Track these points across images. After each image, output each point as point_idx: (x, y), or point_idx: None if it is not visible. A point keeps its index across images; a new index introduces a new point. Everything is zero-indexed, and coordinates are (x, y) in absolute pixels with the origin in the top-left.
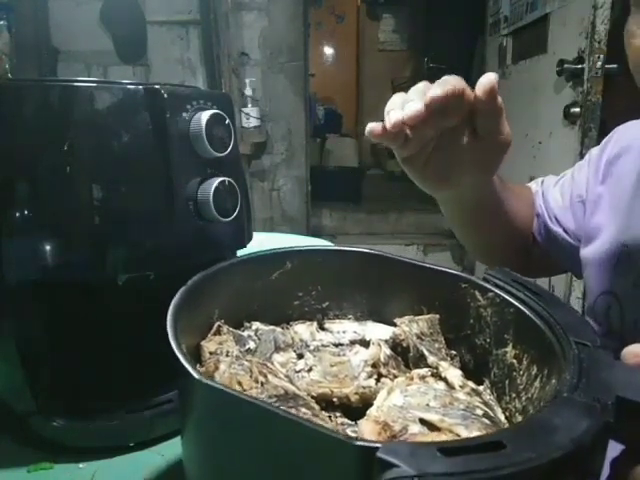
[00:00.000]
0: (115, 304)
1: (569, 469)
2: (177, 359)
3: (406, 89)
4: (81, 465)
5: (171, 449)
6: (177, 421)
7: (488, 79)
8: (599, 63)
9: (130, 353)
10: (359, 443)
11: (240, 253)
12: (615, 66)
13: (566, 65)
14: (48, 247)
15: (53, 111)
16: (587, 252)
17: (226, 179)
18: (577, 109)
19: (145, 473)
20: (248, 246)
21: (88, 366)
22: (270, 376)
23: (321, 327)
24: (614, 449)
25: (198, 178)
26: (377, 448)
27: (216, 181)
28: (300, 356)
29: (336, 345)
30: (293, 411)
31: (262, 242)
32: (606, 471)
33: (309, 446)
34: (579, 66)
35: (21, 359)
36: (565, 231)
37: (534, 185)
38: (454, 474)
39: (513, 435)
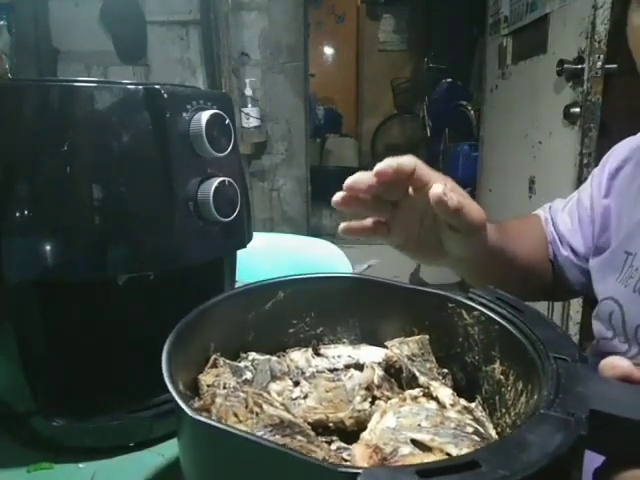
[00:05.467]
0: (115, 304)
1: None
2: (172, 397)
3: (406, 89)
4: (81, 465)
5: (171, 449)
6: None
7: (434, 192)
8: (599, 63)
9: (130, 353)
10: (341, 469)
11: (240, 253)
12: (615, 66)
13: (566, 65)
14: (48, 247)
15: (53, 111)
16: (594, 261)
17: (226, 179)
18: (577, 109)
19: (145, 473)
20: (248, 246)
21: (88, 366)
22: (265, 406)
23: (316, 353)
24: (598, 460)
25: (198, 178)
26: (358, 474)
27: (216, 181)
28: (296, 383)
29: (331, 370)
30: (288, 439)
31: (262, 242)
32: None
33: (296, 475)
34: (579, 66)
35: (21, 359)
36: (575, 254)
37: (542, 212)
38: None
39: (488, 454)
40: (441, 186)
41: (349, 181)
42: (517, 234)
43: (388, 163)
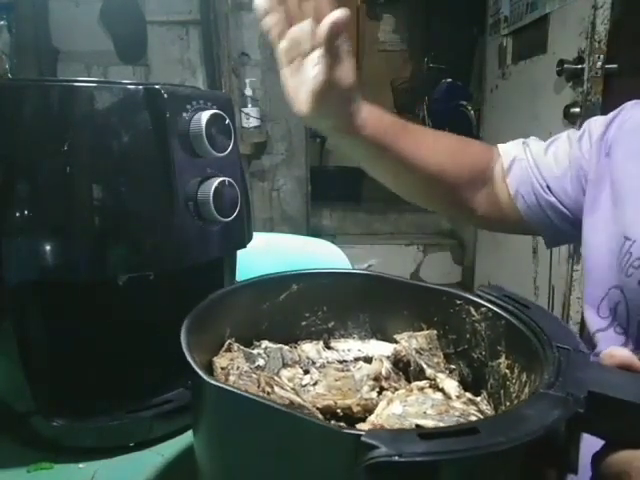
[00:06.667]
0: (115, 304)
1: (540, 453)
2: (189, 364)
3: (406, 89)
4: (81, 465)
5: (171, 449)
6: (177, 421)
7: (338, 14)
8: (599, 63)
9: (130, 353)
10: (346, 431)
11: (240, 253)
12: (615, 66)
13: (566, 65)
14: (48, 247)
15: (53, 111)
16: (590, 235)
17: (226, 179)
18: (577, 109)
19: (145, 473)
20: (248, 246)
21: (88, 366)
22: (277, 388)
23: (327, 346)
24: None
25: (198, 178)
26: (362, 434)
27: (216, 181)
28: (306, 372)
29: (341, 362)
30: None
31: (262, 242)
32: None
33: (306, 435)
34: (579, 66)
35: (21, 359)
36: (559, 200)
37: (513, 150)
38: (431, 453)
39: (488, 423)
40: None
41: None
42: (426, 144)
43: None
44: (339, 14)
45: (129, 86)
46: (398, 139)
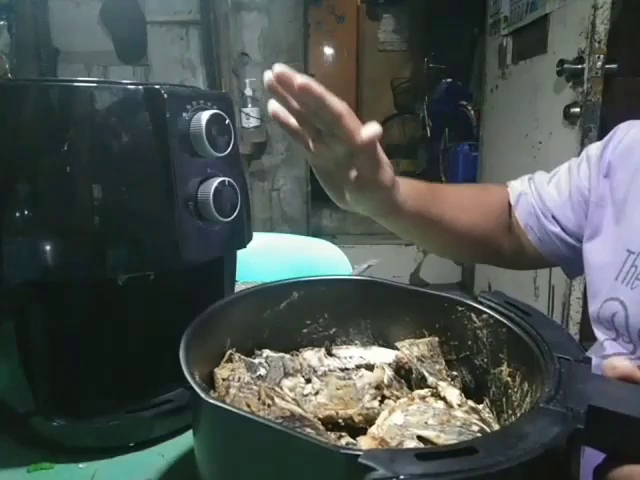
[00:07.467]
0: (115, 304)
1: (540, 470)
2: (188, 382)
3: (406, 89)
4: (81, 465)
5: (171, 449)
6: (177, 421)
7: (373, 129)
8: (599, 63)
9: (130, 353)
10: (344, 451)
11: (240, 253)
12: (615, 66)
13: (566, 65)
14: (48, 247)
15: (53, 111)
16: (591, 255)
17: (226, 179)
18: (577, 109)
19: (145, 473)
20: (248, 246)
21: (88, 366)
22: (277, 399)
23: (329, 353)
24: (599, 460)
25: (198, 178)
26: (359, 455)
27: (216, 181)
28: (308, 381)
29: (342, 370)
30: (298, 431)
31: (262, 242)
32: None
33: (302, 454)
34: (579, 66)
35: (21, 359)
36: (563, 230)
37: (519, 185)
38: (428, 475)
39: (486, 442)
40: (378, 127)
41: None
42: (454, 202)
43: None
44: (377, 129)
45: (129, 86)
46: (432, 204)
